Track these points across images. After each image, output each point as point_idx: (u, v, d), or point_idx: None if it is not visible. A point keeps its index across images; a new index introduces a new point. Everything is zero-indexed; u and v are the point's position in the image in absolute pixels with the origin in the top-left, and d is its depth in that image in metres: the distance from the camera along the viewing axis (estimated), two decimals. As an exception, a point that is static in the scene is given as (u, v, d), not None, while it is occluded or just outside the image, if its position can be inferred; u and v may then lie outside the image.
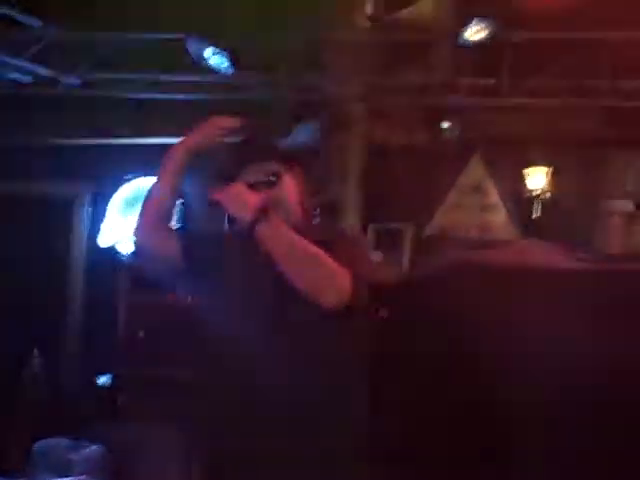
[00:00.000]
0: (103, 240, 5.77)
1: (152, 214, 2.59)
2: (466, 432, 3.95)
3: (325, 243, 2.41)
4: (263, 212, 2.34)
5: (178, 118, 5.97)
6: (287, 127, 5.95)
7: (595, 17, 4.89)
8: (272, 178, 2.55)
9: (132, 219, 5.52)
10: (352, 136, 5.53)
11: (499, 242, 5.37)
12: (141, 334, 4.67)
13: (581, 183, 5.71)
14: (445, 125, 5.44)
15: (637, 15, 4.74)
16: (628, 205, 5.62)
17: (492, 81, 5.28)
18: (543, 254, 4.81)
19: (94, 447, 3.91)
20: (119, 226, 5.87)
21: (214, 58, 5.27)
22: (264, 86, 5.83)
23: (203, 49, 5.29)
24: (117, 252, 5.56)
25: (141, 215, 2.62)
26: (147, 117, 6.27)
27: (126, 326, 4.74)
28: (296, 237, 2.37)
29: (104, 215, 5.98)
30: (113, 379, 4.71)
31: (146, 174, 5.77)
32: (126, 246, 5.57)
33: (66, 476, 3.63)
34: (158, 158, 2.60)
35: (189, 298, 3.41)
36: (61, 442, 3.96)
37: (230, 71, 5.32)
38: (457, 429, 3.98)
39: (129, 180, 6.11)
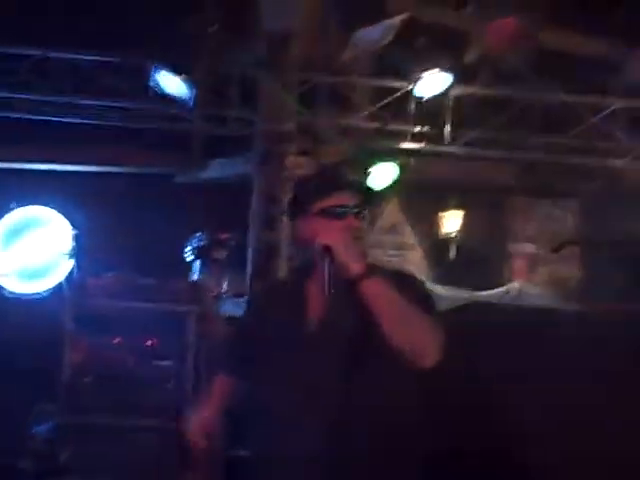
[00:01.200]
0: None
1: None
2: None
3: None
4: (371, 267, 2.31)
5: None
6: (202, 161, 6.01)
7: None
8: (359, 209, 2.40)
9: (16, 250, 5.34)
10: (283, 172, 5.56)
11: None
12: (88, 379, 4.43)
13: (490, 227, 6.12)
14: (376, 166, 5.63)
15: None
16: (531, 247, 6.10)
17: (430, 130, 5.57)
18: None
19: None
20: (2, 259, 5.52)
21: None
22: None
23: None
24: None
25: None
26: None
27: (73, 370, 4.46)
28: (397, 296, 2.30)
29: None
30: (54, 430, 4.36)
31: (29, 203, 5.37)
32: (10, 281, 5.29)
33: None
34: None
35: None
36: None
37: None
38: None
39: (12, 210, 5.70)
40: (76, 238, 5.22)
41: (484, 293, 4.43)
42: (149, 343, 4.45)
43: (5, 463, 4.17)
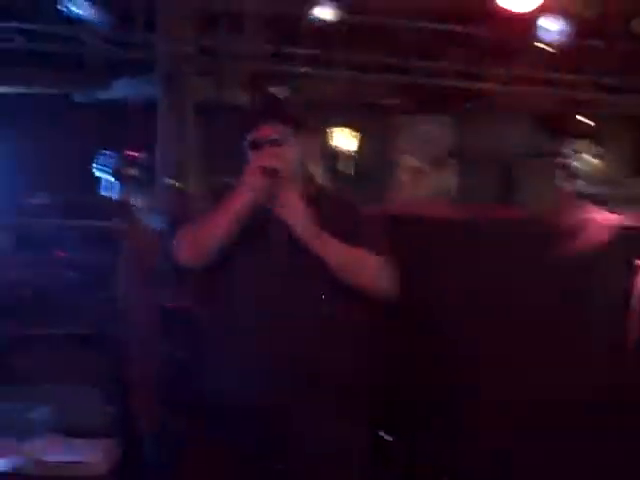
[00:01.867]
0: None
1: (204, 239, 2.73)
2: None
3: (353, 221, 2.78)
4: (320, 192, 2.74)
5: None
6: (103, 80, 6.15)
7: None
8: (275, 137, 2.70)
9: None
10: (185, 94, 5.84)
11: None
12: (27, 292, 4.67)
13: (380, 144, 6.64)
14: (272, 89, 6.01)
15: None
16: (414, 161, 6.67)
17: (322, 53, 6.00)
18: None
19: (45, 407, 3.94)
20: None
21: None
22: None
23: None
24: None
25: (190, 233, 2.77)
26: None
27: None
28: (344, 246, 2.69)
29: None
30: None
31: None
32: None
33: (26, 438, 3.64)
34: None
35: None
36: (8, 404, 3.90)
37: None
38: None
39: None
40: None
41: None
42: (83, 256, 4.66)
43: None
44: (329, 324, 2.71)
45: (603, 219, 3.92)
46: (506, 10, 6.01)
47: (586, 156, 6.63)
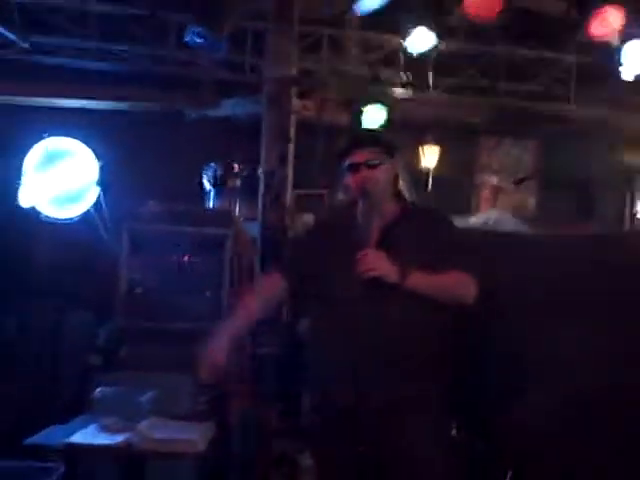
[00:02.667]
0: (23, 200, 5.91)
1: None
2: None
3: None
4: (404, 272, 2.95)
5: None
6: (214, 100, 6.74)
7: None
8: (374, 162, 3.07)
9: (48, 178, 5.91)
10: (287, 114, 6.39)
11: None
12: (139, 290, 5.17)
13: (461, 162, 7.09)
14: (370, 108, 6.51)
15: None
16: (494, 180, 7.11)
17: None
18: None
19: (151, 392, 4.24)
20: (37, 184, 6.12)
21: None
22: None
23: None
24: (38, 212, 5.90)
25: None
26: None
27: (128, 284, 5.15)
28: (430, 278, 2.99)
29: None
30: (114, 332, 4.98)
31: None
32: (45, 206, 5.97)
33: (135, 419, 3.94)
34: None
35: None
36: (120, 388, 4.22)
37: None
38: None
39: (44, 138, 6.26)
40: (102, 169, 6.07)
41: (470, 220, 5.25)
42: (189, 259, 5.11)
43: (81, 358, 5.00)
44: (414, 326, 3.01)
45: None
46: (595, 35, 6.34)
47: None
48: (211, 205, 6.37)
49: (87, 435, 3.81)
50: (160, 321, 4.94)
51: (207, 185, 6.38)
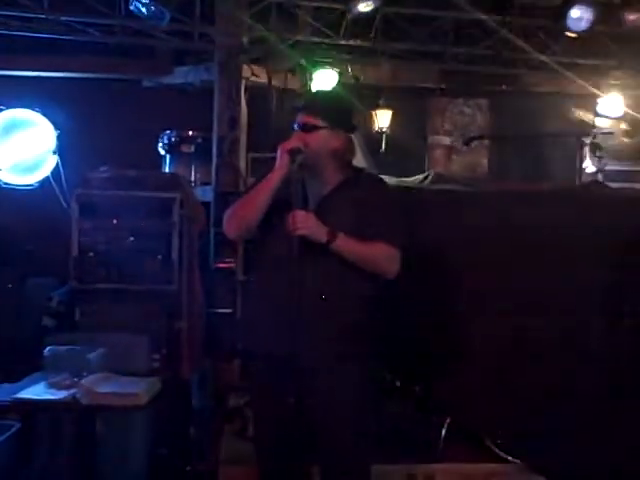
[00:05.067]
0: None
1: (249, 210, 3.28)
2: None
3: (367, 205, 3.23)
4: (333, 234, 3.12)
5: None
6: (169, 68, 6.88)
7: None
8: (308, 126, 3.23)
9: (7, 147, 6.02)
10: (238, 80, 6.54)
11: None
12: (90, 254, 5.30)
13: (413, 123, 7.24)
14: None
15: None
16: (447, 140, 7.28)
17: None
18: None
19: (100, 349, 4.42)
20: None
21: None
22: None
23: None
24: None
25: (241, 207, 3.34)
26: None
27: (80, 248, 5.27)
28: (358, 244, 3.16)
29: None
30: (68, 294, 5.11)
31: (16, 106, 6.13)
32: (4, 174, 6.07)
33: (83, 376, 4.07)
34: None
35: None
36: (70, 347, 4.37)
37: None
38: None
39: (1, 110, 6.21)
40: (59, 137, 6.19)
41: (409, 179, 5.40)
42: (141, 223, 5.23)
43: (32, 320, 5.16)
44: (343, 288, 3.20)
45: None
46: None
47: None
48: (167, 171, 6.53)
49: (34, 391, 3.95)
50: (112, 283, 5.08)
51: (162, 151, 6.54)
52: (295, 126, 3.27)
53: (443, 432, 4.49)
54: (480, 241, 4.39)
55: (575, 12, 6.43)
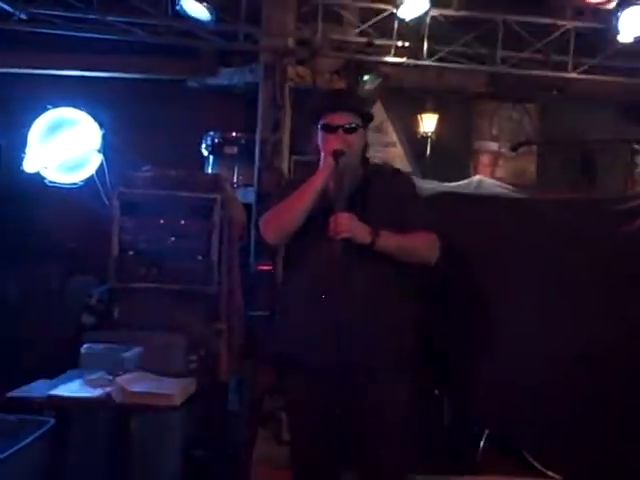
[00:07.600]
0: (28, 166, 5.99)
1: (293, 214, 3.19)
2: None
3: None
4: (376, 233, 3.06)
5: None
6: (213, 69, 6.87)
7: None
8: (352, 126, 3.17)
9: (53, 146, 6.08)
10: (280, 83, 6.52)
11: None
12: (131, 253, 5.32)
13: (459, 128, 7.15)
14: (366, 77, 6.60)
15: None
16: (494, 145, 7.17)
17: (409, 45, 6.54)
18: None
19: (137, 348, 4.44)
20: (43, 153, 6.09)
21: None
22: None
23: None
24: (43, 177, 6.00)
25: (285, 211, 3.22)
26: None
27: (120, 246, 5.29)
28: (399, 238, 3.10)
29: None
30: (107, 293, 5.12)
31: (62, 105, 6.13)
32: (49, 172, 6.03)
33: (119, 374, 4.07)
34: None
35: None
36: (106, 345, 4.37)
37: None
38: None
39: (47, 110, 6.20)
40: (104, 137, 6.23)
41: (452, 184, 5.32)
42: (182, 223, 5.23)
43: (74, 318, 5.19)
44: (382, 293, 3.13)
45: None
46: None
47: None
48: (209, 172, 6.53)
49: (70, 388, 3.94)
50: (151, 282, 5.10)
51: (205, 152, 6.54)
52: (327, 126, 3.17)
53: (482, 444, 4.38)
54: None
55: (628, 15, 6.27)
